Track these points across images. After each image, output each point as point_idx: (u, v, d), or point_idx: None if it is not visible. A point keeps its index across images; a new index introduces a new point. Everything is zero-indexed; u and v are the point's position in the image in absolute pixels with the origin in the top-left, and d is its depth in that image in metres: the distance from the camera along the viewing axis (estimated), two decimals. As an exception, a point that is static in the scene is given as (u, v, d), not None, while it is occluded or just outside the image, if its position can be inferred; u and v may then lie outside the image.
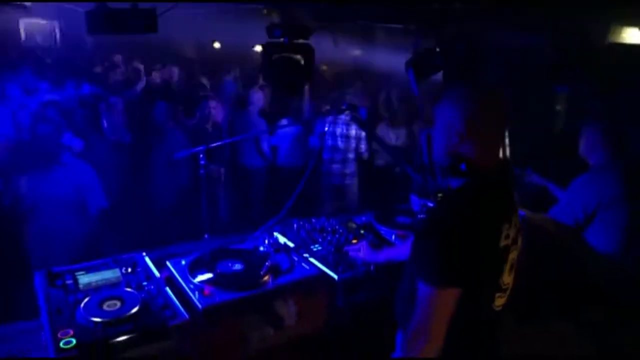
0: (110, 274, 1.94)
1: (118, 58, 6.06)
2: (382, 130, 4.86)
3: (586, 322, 2.49)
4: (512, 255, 1.59)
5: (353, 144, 4.40)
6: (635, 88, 4.01)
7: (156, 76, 5.11)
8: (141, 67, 5.20)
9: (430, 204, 2.84)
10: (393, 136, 4.97)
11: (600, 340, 2.41)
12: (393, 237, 2.45)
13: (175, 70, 5.59)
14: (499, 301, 1.61)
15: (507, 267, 1.58)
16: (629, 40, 4.35)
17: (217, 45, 7.86)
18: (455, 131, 1.50)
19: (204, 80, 5.74)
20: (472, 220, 1.45)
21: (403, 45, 4.74)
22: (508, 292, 1.63)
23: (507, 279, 1.60)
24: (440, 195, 2.97)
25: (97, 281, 1.89)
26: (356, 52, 8.07)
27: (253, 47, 7.36)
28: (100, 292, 1.81)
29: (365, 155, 4.55)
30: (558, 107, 4.40)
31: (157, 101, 3.95)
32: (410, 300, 1.54)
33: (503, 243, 1.51)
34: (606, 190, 2.46)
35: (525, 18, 3.75)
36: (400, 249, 2.21)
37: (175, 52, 6.90)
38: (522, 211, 2.20)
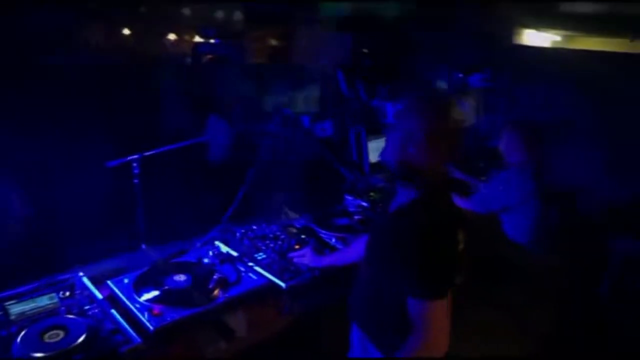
0: (46, 300, 1.81)
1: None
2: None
3: (506, 303, 2.77)
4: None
5: (294, 147, 4.32)
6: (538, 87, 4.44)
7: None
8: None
9: (365, 204, 2.97)
10: (318, 129, 5.03)
11: (518, 320, 2.71)
12: (333, 240, 2.53)
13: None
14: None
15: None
16: (531, 43, 4.80)
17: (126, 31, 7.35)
18: (415, 141, 1.51)
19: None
20: (440, 231, 1.51)
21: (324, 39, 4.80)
22: None
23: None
24: (372, 194, 3.12)
25: (31, 310, 1.75)
26: (273, 42, 8.00)
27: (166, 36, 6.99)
28: (38, 322, 1.68)
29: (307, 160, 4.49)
30: (473, 103, 4.74)
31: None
32: (369, 300, 1.70)
33: (460, 247, 1.60)
34: (524, 186, 2.74)
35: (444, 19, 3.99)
36: (342, 253, 2.30)
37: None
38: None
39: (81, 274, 1.99)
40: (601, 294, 3.01)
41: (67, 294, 1.86)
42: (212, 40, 2.87)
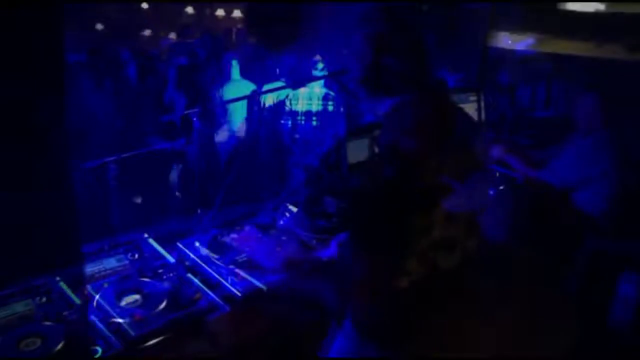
0: (21, 307, 1.75)
1: None
2: None
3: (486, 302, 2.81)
4: None
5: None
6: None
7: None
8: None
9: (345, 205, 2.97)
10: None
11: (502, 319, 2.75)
12: (313, 241, 2.53)
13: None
14: None
15: None
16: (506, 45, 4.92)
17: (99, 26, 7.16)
18: (405, 132, 1.51)
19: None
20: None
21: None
22: None
23: None
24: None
25: (6, 317, 1.70)
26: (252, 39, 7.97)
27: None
28: (12, 330, 1.63)
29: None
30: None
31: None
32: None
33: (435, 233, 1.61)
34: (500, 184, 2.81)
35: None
36: (322, 253, 2.31)
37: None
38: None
39: (58, 278, 1.93)
40: (591, 294, 3.09)
41: (44, 299, 1.81)
42: (190, 40, 2.82)
